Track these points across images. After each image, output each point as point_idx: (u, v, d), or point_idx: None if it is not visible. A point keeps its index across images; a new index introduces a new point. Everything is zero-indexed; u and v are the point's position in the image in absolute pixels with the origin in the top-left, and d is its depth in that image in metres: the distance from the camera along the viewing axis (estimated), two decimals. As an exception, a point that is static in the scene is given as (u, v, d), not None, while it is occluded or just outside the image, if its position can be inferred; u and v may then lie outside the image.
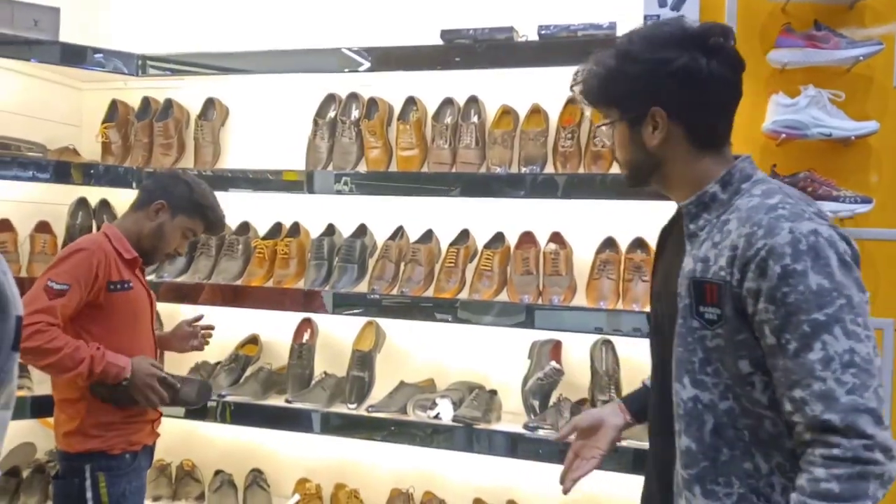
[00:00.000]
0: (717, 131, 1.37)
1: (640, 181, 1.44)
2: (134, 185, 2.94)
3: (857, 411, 1.14)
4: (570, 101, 2.63)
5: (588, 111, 2.56)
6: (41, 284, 2.06)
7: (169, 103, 3.08)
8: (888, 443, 1.14)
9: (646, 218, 2.25)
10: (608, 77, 1.38)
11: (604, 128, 1.49)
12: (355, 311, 2.72)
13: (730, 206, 1.32)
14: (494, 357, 2.77)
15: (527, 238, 2.67)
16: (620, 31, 2.40)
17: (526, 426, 2.48)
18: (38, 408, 2.75)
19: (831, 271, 1.19)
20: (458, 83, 2.75)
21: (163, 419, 2.94)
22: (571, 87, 1.49)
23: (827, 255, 1.19)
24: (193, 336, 2.48)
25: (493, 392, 2.67)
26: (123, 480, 2.15)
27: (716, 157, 1.37)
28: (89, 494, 2.10)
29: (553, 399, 2.57)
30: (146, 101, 3.12)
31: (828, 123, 2.26)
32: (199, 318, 2.52)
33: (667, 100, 1.34)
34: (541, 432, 2.44)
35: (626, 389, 2.42)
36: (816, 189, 2.26)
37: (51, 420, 2.99)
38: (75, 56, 2.93)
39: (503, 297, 2.60)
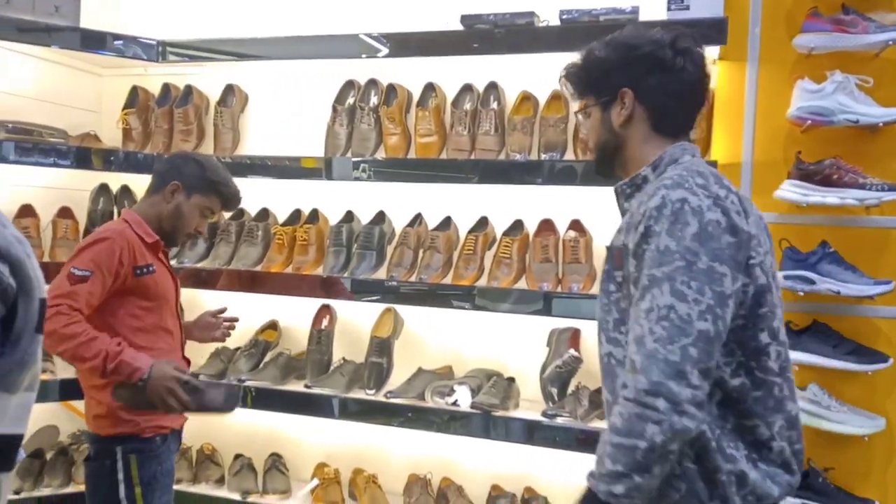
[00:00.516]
0: (677, 119, 1.49)
1: (605, 163, 1.55)
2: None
3: (655, 359, 1.24)
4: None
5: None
6: (64, 273, 2.07)
7: (189, 89, 3.09)
8: (679, 397, 1.22)
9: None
10: (587, 65, 1.53)
11: (580, 116, 1.59)
12: (374, 297, 2.72)
13: (650, 187, 1.42)
14: (513, 345, 2.77)
15: (546, 225, 2.66)
16: (644, 16, 2.37)
17: (544, 413, 2.47)
18: (65, 391, 2.79)
19: (682, 236, 1.28)
20: (477, 69, 2.73)
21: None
22: (559, 78, 1.62)
23: (686, 221, 1.29)
24: (216, 327, 2.49)
25: (511, 379, 2.67)
26: (154, 462, 2.17)
27: (672, 141, 1.48)
28: (120, 476, 2.12)
29: (571, 387, 2.56)
30: (166, 88, 3.13)
31: (855, 109, 2.21)
32: (222, 311, 2.52)
33: (635, 82, 1.46)
34: (559, 420, 2.44)
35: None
36: (842, 176, 2.22)
37: (74, 403, 3.05)
38: (96, 42, 2.95)
39: (522, 284, 2.58)
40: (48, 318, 1.95)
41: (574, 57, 1.56)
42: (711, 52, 2.44)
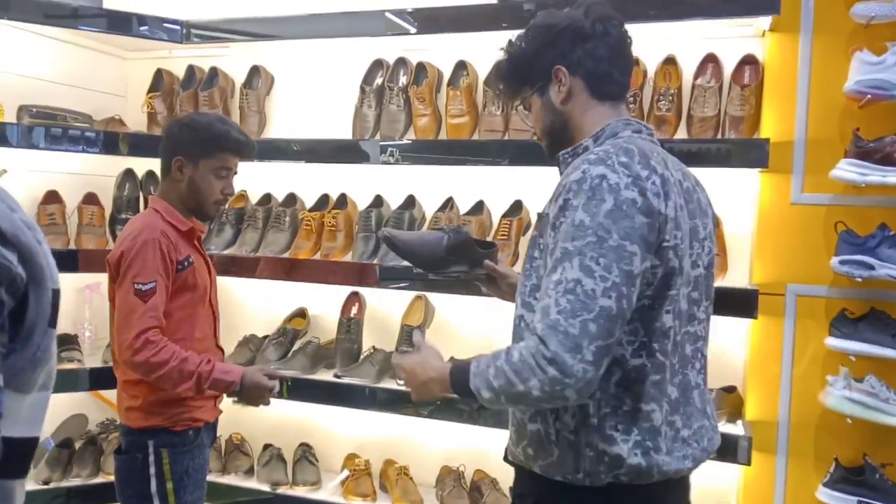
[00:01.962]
0: (613, 80, 1.51)
1: (557, 146, 1.54)
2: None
3: (555, 330, 1.28)
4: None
5: (651, 73, 2.46)
6: (128, 293, 2.00)
7: (214, 72, 3.02)
8: (571, 370, 1.27)
9: (712, 182, 2.10)
10: (514, 58, 1.56)
11: (519, 109, 1.61)
12: (404, 284, 2.63)
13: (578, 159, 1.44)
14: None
15: (583, 209, 2.54)
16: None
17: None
18: (95, 380, 2.76)
19: (597, 212, 1.31)
20: (511, 45, 2.61)
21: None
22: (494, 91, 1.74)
23: (602, 198, 1.31)
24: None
25: (548, 369, 2.57)
26: (187, 457, 2.11)
27: (612, 111, 1.51)
28: (152, 470, 2.07)
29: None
30: (191, 70, 3.06)
31: (917, 83, 2.06)
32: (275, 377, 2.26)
33: (564, 56, 1.49)
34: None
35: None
36: (903, 155, 2.07)
37: (103, 393, 3.03)
38: (121, 24, 2.89)
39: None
40: (138, 349, 1.95)
41: None
42: (763, 23, 2.31)
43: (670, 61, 2.46)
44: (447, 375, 1.45)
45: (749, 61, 2.39)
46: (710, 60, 2.43)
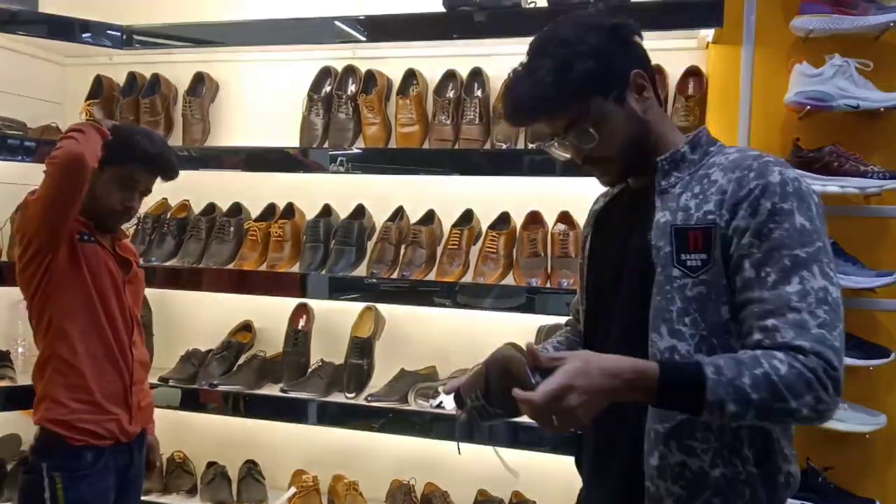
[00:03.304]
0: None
1: (632, 162, 1.37)
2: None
3: (825, 345, 1.17)
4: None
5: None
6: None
7: (156, 78, 2.94)
8: (841, 386, 1.17)
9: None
10: (565, 69, 1.28)
11: (570, 139, 1.34)
12: (353, 295, 2.59)
13: (701, 165, 1.34)
14: (500, 343, 2.64)
15: (534, 218, 2.55)
16: (635, -3, 2.26)
17: (533, 415, 2.37)
18: (30, 398, 2.61)
19: (812, 216, 1.23)
20: (461, 55, 2.61)
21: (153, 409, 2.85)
22: (527, 124, 1.49)
23: (809, 201, 1.24)
24: None
25: (499, 380, 2.55)
26: (83, 483, 1.97)
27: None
28: (47, 495, 1.94)
29: (561, 387, 2.45)
30: (132, 77, 2.97)
31: (855, 94, 2.13)
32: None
33: (639, 60, 1.35)
34: (548, 422, 2.34)
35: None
36: (842, 164, 2.14)
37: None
38: (62, 29, 2.79)
39: (509, 280, 2.47)
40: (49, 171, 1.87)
41: None
42: (706, 35, 2.35)
43: (617, 72, 2.48)
44: (651, 375, 1.18)
45: (693, 73, 2.44)
46: (656, 72, 2.45)
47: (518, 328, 2.57)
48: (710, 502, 1.28)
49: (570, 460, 2.37)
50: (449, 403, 2.42)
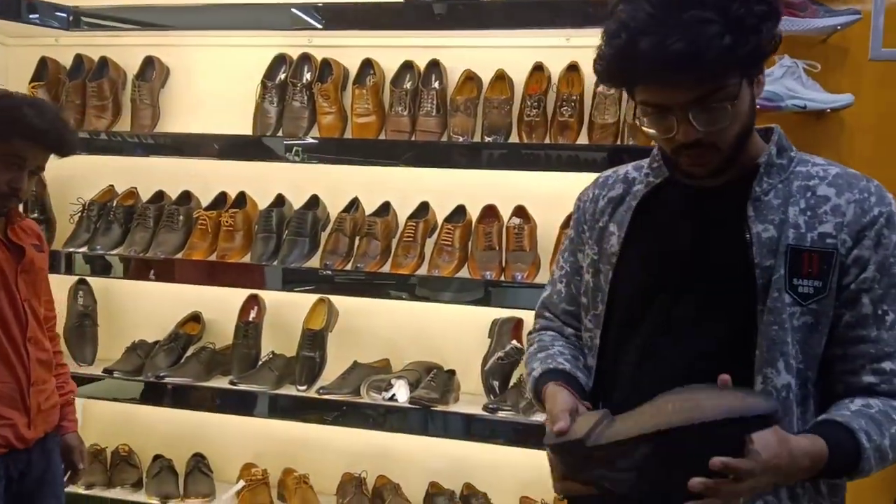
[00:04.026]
0: None
1: (734, 156, 1.18)
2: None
3: None
4: (537, 68, 2.50)
5: (555, 80, 2.49)
6: None
7: (104, 62, 2.85)
8: None
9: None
10: (744, 30, 1.07)
11: (697, 113, 1.11)
12: (306, 287, 2.56)
13: (789, 173, 1.22)
14: (454, 336, 2.65)
15: (489, 212, 2.55)
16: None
17: (486, 407, 2.38)
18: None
19: None
20: (418, 46, 2.59)
21: (95, 402, 2.78)
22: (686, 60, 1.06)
23: None
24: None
25: (452, 372, 2.56)
26: None
27: None
28: None
29: (514, 379, 2.47)
30: (79, 59, 2.87)
31: (803, 95, 2.18)
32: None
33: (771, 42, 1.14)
34: (501, 414, 2.35)
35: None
36: (790, 163, 2.18)
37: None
38: (7, 8, 2.68)
39: (464, 273, 2.47)
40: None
41: (522, 35, 1.26)
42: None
43: (573, 68, 2.50)
44: (823, 457, 1.10)
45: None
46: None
47: (472, 322, 2.58)
48: None
49: (520, 452, 2.42)
50: (402, 396, 2.42)
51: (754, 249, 1.17)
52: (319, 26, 2.53)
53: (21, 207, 2.02)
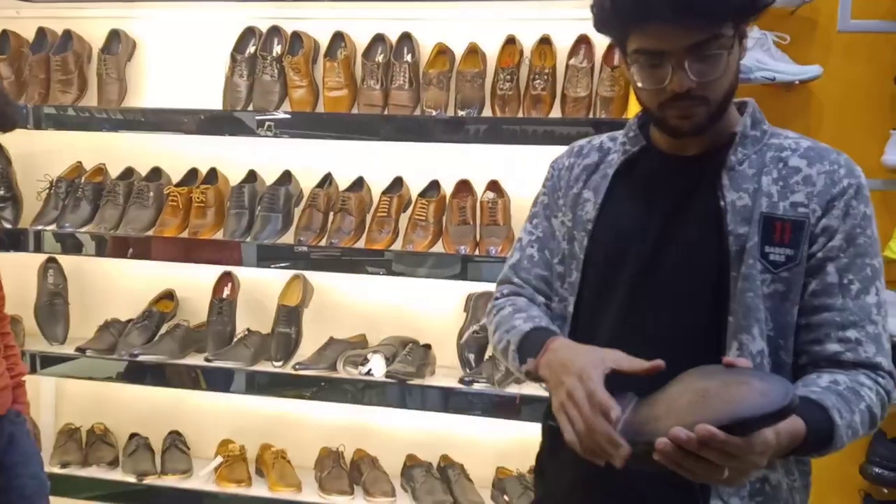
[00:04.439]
0: None
1: (716, 119, 1.20)
2: (29, 125, 2.67)
3: (888, 357, 1.19)
4: (510, 41, 2.48)
5: (527, 52, 2.47)
6: None
7: (68, 34, 2.77)
8: None
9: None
10: None
11: (692, 61, 1.13)
12: (280, 264, 2.55)
13: (762, 144, 1.24)
14: (429, 311, 2.66)
15: (463, 186, 2.54)
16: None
17: (461, 380, 2.40)
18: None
19: (873, 223, 1.24)
20: (390, 18, 2.56)
21: (69, 381, 2.76)
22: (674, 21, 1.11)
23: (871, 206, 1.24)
24: None
25: (428, 346, 2.57)
26: None
27: None
28: None
29: (489, 353, 2.49)
30: (42, 32, 2.79)
31: (772, 67, 2.20)
32: None
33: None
34: (476, 386, 2.37)
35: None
36: (759, 136, 2.21)
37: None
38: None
39: (438, 248, 2.48)
40: None
41: (493, 6, 1.29)
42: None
43: (545, 41, 2.49)
44: (801, 435, 1.08)
45: (620, 43, 2.46)
46: (583, 41, 2.48)
47: (447, 296, 2.60)
48: None
49: (496, 423, 2.45)
50: (379, 371, 2.43)
51: (728, 217, 1.19)
52: (289, -2, 2.50)
53: None
